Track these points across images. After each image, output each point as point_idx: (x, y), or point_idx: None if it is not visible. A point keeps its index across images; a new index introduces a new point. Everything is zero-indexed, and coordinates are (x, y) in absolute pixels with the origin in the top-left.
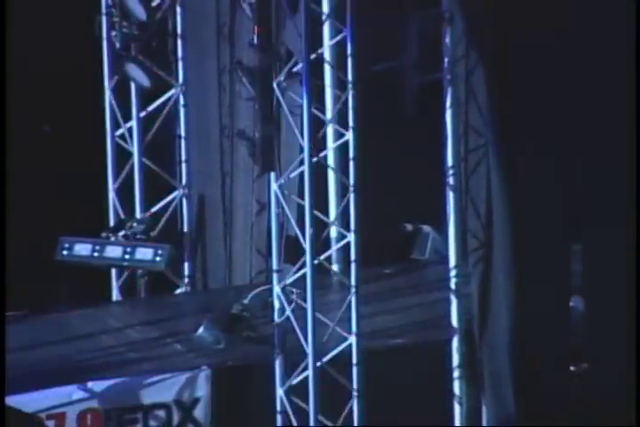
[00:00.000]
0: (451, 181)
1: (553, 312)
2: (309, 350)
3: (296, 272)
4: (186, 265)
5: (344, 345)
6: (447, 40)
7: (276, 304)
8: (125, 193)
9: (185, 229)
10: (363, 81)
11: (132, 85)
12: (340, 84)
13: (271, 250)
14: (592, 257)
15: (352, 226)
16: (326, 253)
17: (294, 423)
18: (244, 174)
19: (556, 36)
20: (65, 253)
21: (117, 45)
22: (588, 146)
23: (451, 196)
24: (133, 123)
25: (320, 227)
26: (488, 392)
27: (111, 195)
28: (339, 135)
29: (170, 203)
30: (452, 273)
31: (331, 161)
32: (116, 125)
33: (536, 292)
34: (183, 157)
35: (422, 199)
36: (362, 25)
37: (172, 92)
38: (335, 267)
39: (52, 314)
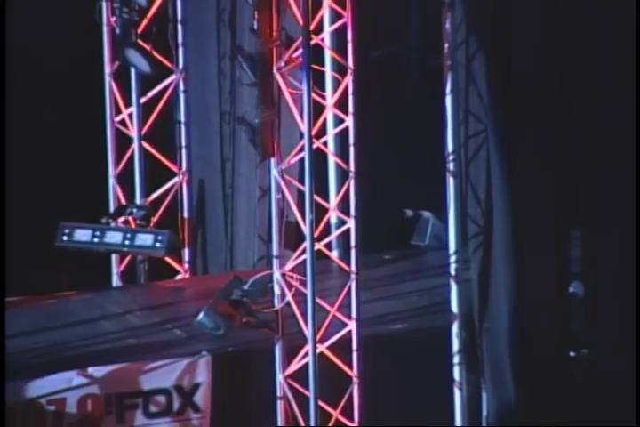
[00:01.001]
0: (451, 166)
1: (553, 298)
2: (309, 335)
3: (296, 258)
4: (186, 251)
5: (344, 331)
6: (447, 25)
7: (277, 290)
8: (126, 179)
9: (185, 215)
10: (363, 66)
11: (133, 71)
12: (340, 70)
13: (271, 236)
14: (592, 242)
15: (352, 212)
16: (326, 239)
17: (294, 409)
18: (246, 160)
19: (557, 21)
20: (65, 238)
21: (118, 31)
22: (587, 131)
23: (451, 181)
24: (134, 108)
25: (320, 213)
26: (488, 378)
27: (111, 181)
28: (339, 121)
29: (170, 189)
30: (452, 259)
31: (331, 147)
32: (116, 111)
33: (536, 277)
34: (183, 143)
35: (422, 185)
36: (362, 10)
37: (173, 77)
38: (335, 253)
39: (52, 300)
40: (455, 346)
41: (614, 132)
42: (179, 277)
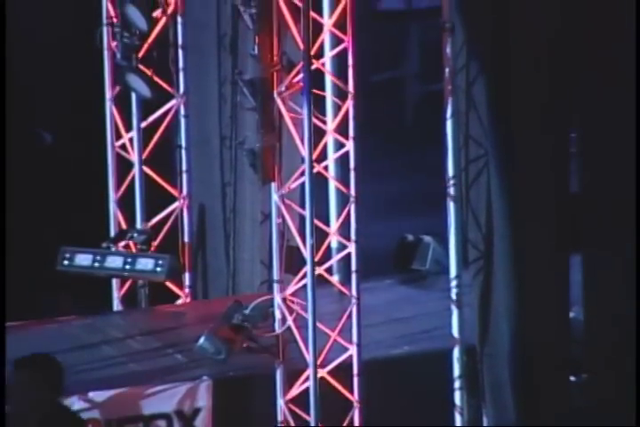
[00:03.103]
0: (451, 191)
1: (553, 322)
2: (310, 360)
3: (297, 282)
4: (187, 275)
5: (345, 355)
6: (448, 50)
7: (277, 314)
8: (126, 203)
9: (186, 240)
10: (363, 91)
11: (133, 96)
12: (340, 95)
13: (272, 260)
14: (592, 267)
15: (353, 236)
16: (327, 264)
17: None
18: (249, 184)
19: (557, 46)
20: (66, 263)
21: (118, 56)
22: (588, 156)
23: (451, 206)
24: (134, 133)
25: (321, 237)
26: (489, 402)
27: (112, 205)
28: (339, 145)
29: (171, 213)
30: (453, 283)
31: (332, 171)
32: (116, 136)
33: (536, 302)
34: (184, 168)
35: (423, 210)
36: (363, 35)
37: (173, 102)
38: (336, 277)
39: (53, 324)
40: (456, 371)
41: (617, 156)
42: (179, 301)
